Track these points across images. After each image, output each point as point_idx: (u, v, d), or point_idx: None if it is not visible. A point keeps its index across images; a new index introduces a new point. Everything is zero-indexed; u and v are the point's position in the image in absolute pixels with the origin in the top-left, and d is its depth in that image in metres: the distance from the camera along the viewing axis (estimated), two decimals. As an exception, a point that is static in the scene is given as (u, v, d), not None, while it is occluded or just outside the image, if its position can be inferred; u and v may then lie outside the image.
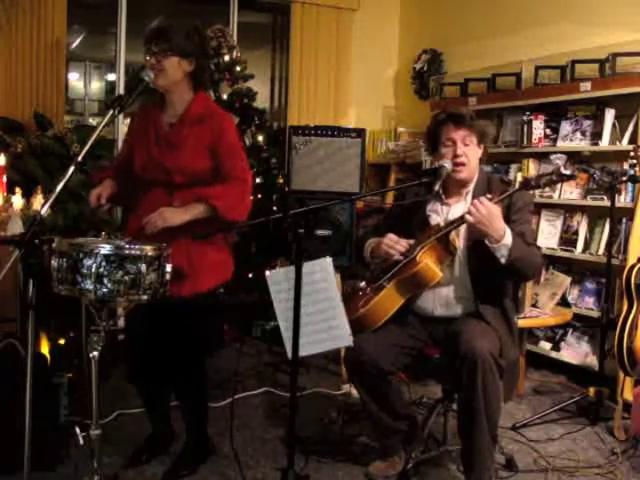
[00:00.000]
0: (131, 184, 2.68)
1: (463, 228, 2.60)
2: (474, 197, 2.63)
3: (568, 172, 2.45)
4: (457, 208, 2.69)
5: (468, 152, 2.63)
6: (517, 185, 2.55)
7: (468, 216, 2.45)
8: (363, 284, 2.78)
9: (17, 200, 3.78)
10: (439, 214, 2.73)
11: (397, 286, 2.60)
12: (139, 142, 2.65)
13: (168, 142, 2.57)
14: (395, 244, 2.62)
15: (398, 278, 2.60)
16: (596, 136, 4.04)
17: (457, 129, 2.62)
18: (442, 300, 2.67)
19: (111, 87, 6.43)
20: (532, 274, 2.74)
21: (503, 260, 2.47)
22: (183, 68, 2.54)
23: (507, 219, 2.54)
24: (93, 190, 2.60)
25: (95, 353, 2.13)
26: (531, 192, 2.73)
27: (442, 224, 2.66)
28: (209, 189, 2.51)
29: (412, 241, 2.63)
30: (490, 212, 2.42)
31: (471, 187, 2.70)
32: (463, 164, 2.62)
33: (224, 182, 2.54)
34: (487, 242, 2.47)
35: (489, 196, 2.50)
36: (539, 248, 2.61)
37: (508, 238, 2.45)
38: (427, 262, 2.54)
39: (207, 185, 2.53)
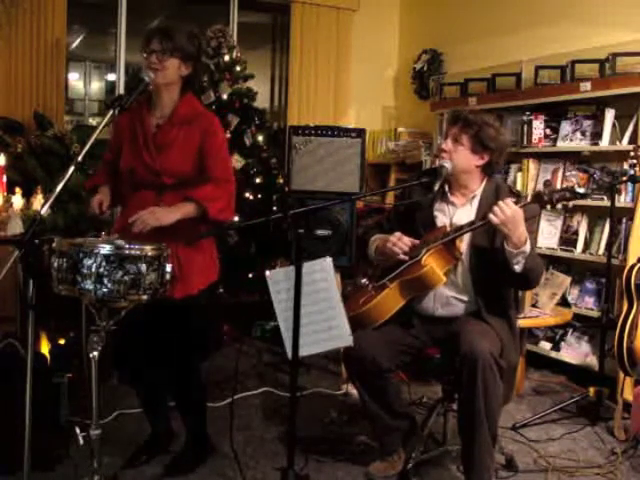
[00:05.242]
0: (119, 184, 2.68)
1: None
2: (481, 202, 2.64)
3: (582, 190, 2.41)
4: (462, 212, 2.67)
5: (454, 150, 2.60)
6: (529, 198, 2.46)
7: (492, 216, 2.39)
8: (364, 280, 2.77)
9: (17, 200, 3.79)
10: (445, 214, 2.72)
11: (400, 287, 2.60)
12: (126, 144, 2.63)
13: (156, 143, 2.56)
14: (399, 241, 2.62)
15: (401, 279, 2.59)
16: (596, 136, 4.04)
17: (451, 126, 2.67)
18: (443, 301, 2.67)
19: (111, 87, 6.44)
20: (533, 286, 2.77)
21: (518, 268, 2.44)
22: (181, 71, 2.54)
23: None
24: (95, 197, 2.60)
25: (95, 353, 2.13)
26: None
27: (448, 225, 2.64)
28: (200, 190, 2.50)
29: (417, 241, 2.62)
30: (515, 215, 2.38)
31: (478, 192, 2.68)
32: (443, 157, 2.62)
33: (212, 183, 2.53)
34: (506, 247, 2.43)
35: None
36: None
37: (528, 246, 2.42)
38: (432, 266, 2.52)
39: (194, 186, 2.52)
